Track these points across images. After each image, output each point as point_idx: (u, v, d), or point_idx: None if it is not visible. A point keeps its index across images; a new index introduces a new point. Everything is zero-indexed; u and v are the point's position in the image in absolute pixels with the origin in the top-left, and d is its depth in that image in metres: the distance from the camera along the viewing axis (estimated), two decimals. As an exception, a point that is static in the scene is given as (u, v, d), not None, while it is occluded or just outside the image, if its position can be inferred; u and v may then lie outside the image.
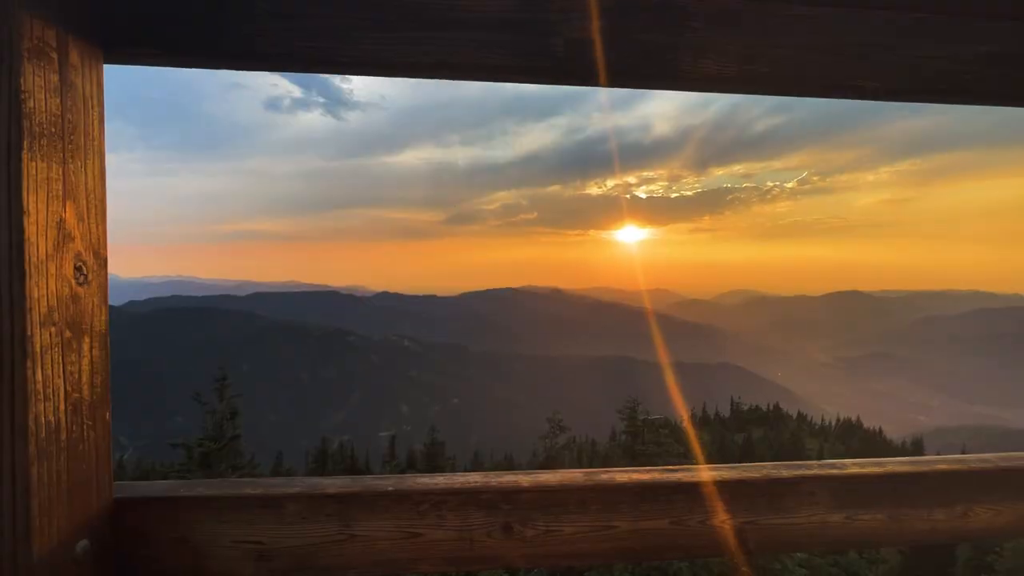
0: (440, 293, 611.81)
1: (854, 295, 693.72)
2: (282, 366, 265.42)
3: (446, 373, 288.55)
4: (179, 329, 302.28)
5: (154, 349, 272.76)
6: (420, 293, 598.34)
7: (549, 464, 23.90)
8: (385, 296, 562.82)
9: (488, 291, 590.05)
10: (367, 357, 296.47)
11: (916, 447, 69.72)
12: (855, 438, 76.77)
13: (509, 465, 47.89)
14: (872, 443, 72.46)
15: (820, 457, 67.25)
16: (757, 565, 12.79)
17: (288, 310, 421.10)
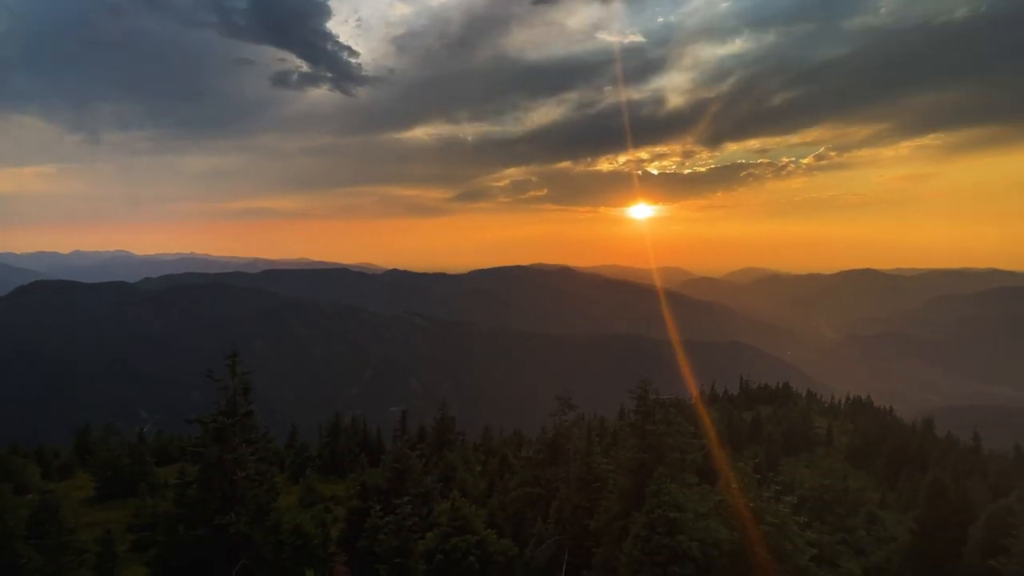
0: (450, 271, 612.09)
1: (868, 273, 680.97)
2: (295, 342, 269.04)
3: (456, 350, 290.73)
4: (193, 305, 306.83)
5: (169, 325, 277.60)
6: (430, 271, 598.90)
7: (558, 441, 24.01)
8: (395, 274, 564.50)
9: (498, 269, 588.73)
10: (378, 334, 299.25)
11: (926, 426, 69.31)
12: (865, 416, 76.47)
13: (519, 441, 48.38)
14: (882, 422, 72.18)
15: (828, 434, 67.05)
16: (768, 546, 12.76)
17: (300, 287, 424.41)
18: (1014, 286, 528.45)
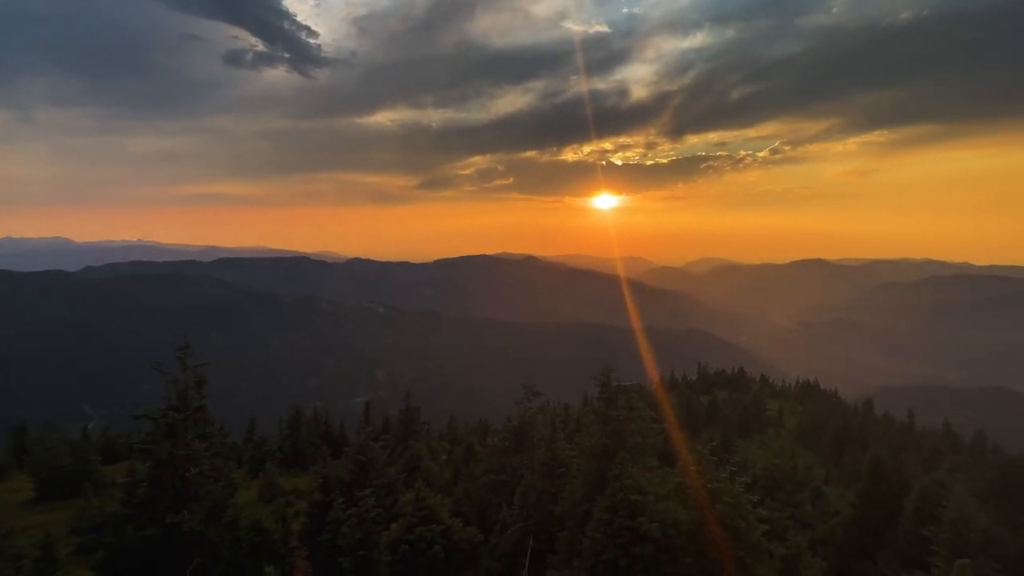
0: (414, 259, 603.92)
1: (817, 263, 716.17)
2: (253, 333, 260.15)
3: (422, 339, 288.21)
4: (142, 296, 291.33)
5: (115, 317, 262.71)
6: (394, 260, 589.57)
7: (523, 428, 24.23)
8: (357, 262, 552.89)
9: (463, 258, 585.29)
10: (341, 324, 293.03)
11: (867, 407, 73.86)
12: (812, 399, 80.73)
13: (484, 430, 48.58)
14: (827, 403, 76.46)
15: (779, 416, 70.35)
16: (723, 524, 13.29)
17: (257, 276, 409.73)
18: (947, 275, 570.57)
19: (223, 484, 16.50)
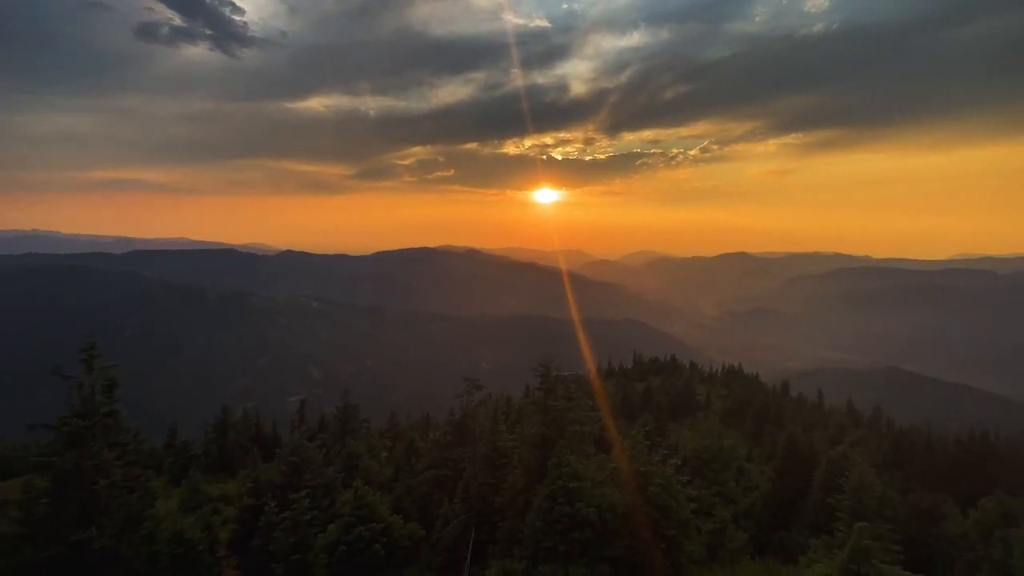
0: (352, 252, 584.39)
1: (741, 256, 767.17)
2: (174, 331, 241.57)
3: (361, 334, 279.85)
4: (39, 291, 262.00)
5: (9, 314, 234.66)
6: (330, 252, 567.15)
7: (465, 421, 24.21)
8: (290, 255, 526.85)
9: (404, 250, 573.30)
10: (273, 319, 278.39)
11: (783, 389, 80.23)
12: (737, 383, 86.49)
13: (426, 425, 48.09)
14: (749, 387, 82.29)
15: (707, 400, 74.58)
16: (655, 505, 13.97)
17: (178, 270, 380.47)
18: (853, 267, 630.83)
19: (139, 495, 15.26)
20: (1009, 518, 22.04)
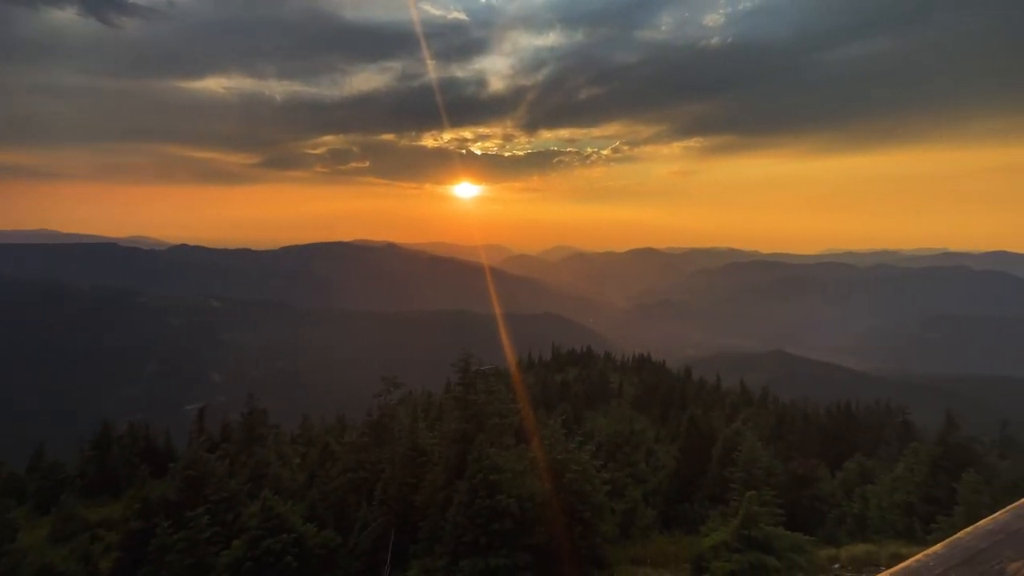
0: (256, 246, 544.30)
1: (649, 252, 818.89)
2: (40, 337, 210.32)
3: (268, 334, 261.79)
4: None
5: None
6: (231, 246, 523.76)
7: (383, 421, 23.55)
8: (184, 250, 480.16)
9: (317, 244, 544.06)
10: (164, 320, 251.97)
11: (687, 374, 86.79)
12: (646, 370, 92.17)
13: (342, 427, 46.03)
14: (657, 373, 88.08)
15: (620, 387, 78.45)
16: (572, 490, 14.50)
17: (43, 266, 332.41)
18: (745, 261, 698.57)
19: (-6, 528, 13.16)
20: (867, 476, 25.66)
